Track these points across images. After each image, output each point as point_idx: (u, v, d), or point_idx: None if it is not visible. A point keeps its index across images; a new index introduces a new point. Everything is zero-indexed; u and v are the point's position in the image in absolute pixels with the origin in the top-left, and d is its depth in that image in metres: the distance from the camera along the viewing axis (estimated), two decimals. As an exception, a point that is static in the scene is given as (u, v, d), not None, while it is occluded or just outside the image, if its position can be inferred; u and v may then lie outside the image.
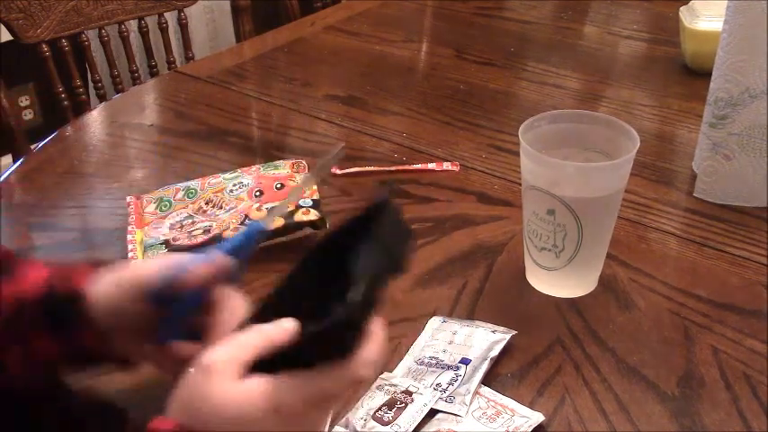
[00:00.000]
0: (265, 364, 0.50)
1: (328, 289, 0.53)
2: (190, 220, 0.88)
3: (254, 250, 0.61)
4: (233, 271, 0.59)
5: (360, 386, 0.51)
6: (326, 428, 0.64)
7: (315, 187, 0.93)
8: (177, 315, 0.60)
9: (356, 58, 1.37)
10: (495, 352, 0.71)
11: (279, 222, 0.86)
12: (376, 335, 0.51)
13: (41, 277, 0.61)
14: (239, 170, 0.96)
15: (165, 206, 0.91)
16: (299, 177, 0.95)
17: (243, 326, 0.54)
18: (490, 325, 0.75)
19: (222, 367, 0.49)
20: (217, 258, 0.59)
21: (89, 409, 0.66)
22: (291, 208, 0.88)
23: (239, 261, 0.60)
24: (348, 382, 0.50)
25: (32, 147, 1.22)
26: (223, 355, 0.50)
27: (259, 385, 0.49)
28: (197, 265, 0.58)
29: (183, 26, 1.66)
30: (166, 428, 0.49)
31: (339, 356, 0.49)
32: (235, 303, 0.59)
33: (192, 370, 0.50)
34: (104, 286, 0.60)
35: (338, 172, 1.01)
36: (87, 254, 0.90)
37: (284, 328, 0.50)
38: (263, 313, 0.56)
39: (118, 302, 0.59)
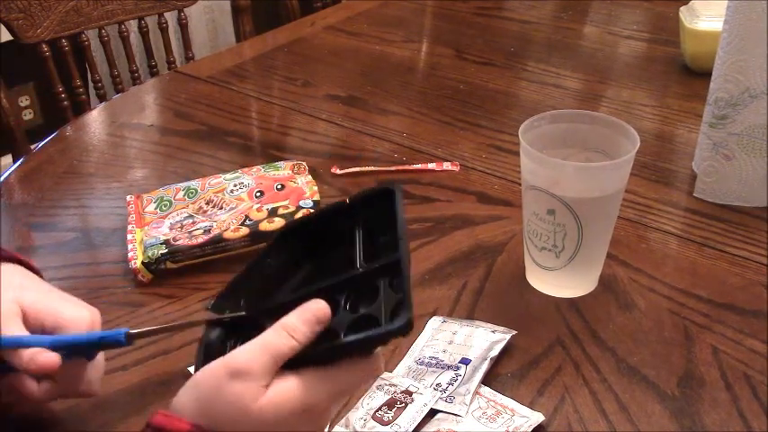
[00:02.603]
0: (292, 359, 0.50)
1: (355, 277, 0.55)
2: (190, 220, 0.88)
3: (109, 348, 0.61)
4: (73, 359, 0.59)
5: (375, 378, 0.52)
6: (327, 429, 0.64)
7: (315, 188, 0.93)
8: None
9: (356, 58, 1.37)
10: (495, 352, 0.71)
11: (280, 223, 0.86)
12: None
13: None
14: (240, 171, 0.96)
15: (166, 206, 0.91)
16: (299, 178, 0.95)
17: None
18: (490, 325, 0.75)
19: (255, 373, 0.48)
20: (45, 358, 0.57)
21: None
22: (292, 208, 0.87)
23: (87, 351, 0.60)
24: (369, 376, 0.52)
25: (32, 147, 1.22)
26: (255, 359, 0.49)
27: (288, 388, 0.49)
28: (22, 354, 0.57)
29: (182, 26, 1.66)
30: (184, 428, 0.48)
31: (362, 354, 0.51)
32: (69, 378, 0.59)
33: (218, 372, 0.49)
34: None
35: (338, 172, 1.01)
36: (87, 254, 0.90)
37: (315, 320, 0.50)
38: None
39: None
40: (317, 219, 0.60)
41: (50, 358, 0.56)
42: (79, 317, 0.61)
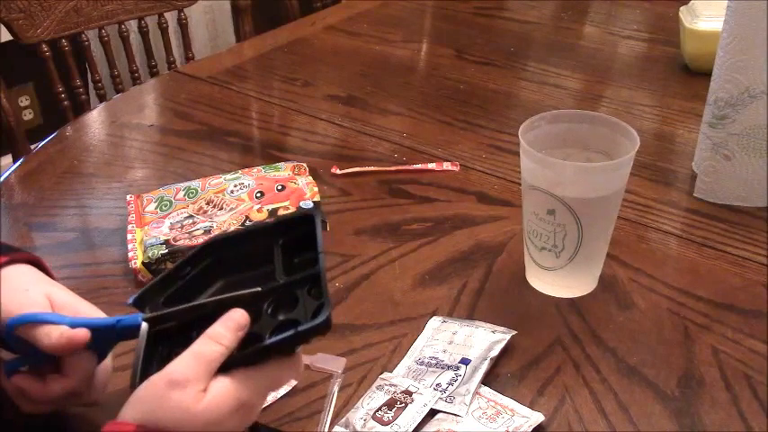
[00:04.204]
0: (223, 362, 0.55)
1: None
2: (190, 221, 0.88)
3: (120, 339, 0.62)
4: (87, 351, 0.61)
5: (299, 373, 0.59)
6: (326, 429, 0.64)
7: (315, 189, 0.93)
8: (14, 362, 0.62)
9: (356, 58, 1.37)
10: (495, 352, 0.71)
11: (279, 222, 0.86)
12: None
13: None
14: (240, 171, 0.96)
15: (166, 206, 0.91)
16: (300, 179, 0.95)
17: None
18: (490, 325, 0.75)
19: (192, 382, 0.53)
20: (75, 333, 0.59)
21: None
22: (293, 209, 0.87)
23: (101, 344, 0.61)
24: (292, 372, 0.57)
25: (32, 147, 1.22)
26: (189, 369, 0.53)
27: (224, 388, 0.54)
28: (52, 331, 0.59)
29: (182, 26, 1.66)
30: (130, 429, 0.51)
31: (286, 353, 0.56)
32: (79, 371, 0.61)
33: (158, 384, 0.53)
34: None
35: (338, 172, 1.01)
36: (87, 254, 0.90)
37: (237, 327, 0.56)
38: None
39: None
40: (240, 236, 0.64)
41: (81, 332, 0.59)
42: (96, 315, 0.63)
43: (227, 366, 0.55)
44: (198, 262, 0.62)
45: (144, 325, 0.59)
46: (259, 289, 0.59)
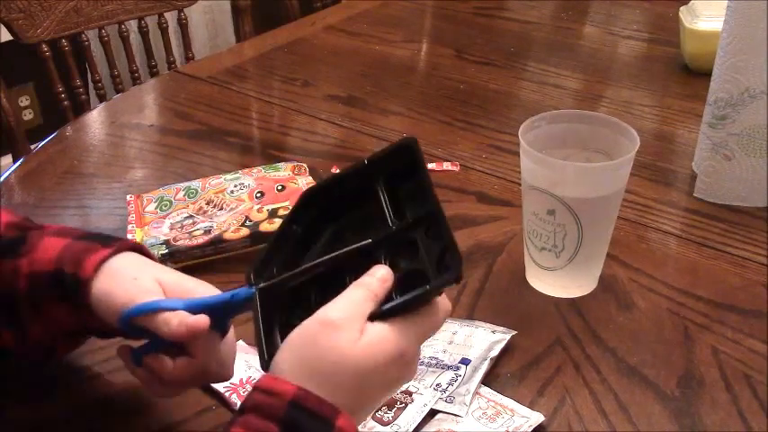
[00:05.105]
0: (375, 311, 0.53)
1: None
2: (190, 221, 0.88)
3: (237, 312, 0.61)
4: (208, 330, 0.59)
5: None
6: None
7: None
8: (140, 350, 0.62)
9: (356, 58, 1.37)
10: (495, 352, 0.71)
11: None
12: None
13: (53, 254, 0.62)
14: (240, 171, 0.96)
15: (166, 206, 0.91)
16: (300, 179, 0.95)
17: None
18: (490, 325, 0.75)
19: (348, 323, 0.51)
20: (195, 320, 0.58)
21: None
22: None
23: (220, 320, 0.60)
24: (441, 320, 0.55)
25: (32, 147, 1.22)
26: (345, 311, 0.52)
27: (384, 334, 0.52)
28: (170, 319, 0.58)
29: (182, 26, 1.66)
30: (290, 389, 0.49)
31: (433, 300, 0.54)
32: (205, 350, 0.60)
33: (312, 327, 0.52)
34: (101, 284, 0.60)
35: (338, 172, 1.01)
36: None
37: (384, 279, 0.54)
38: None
39: (105, 307, 0.60)
40: (337, 181, 0.61)
41: (200, 319, 0.58)
42: (204, 290, 0.62)
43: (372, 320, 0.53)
44: (301, 217, 0.60)
45: (256, 297, 0.57)
46: (369, 241, 0.57)
